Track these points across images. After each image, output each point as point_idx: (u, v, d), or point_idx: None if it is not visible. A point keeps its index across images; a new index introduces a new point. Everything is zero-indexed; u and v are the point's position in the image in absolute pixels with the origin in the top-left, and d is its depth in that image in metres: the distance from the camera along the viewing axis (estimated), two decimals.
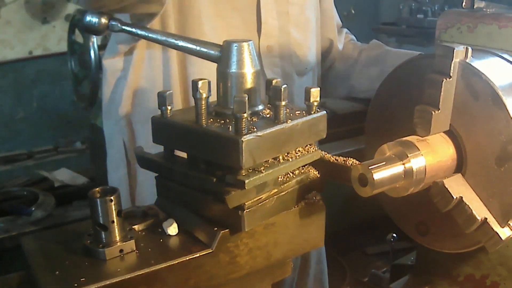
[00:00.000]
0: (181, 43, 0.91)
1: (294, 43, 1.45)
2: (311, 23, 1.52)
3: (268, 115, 0.86)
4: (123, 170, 1.41)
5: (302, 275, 1.66)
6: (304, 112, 0.87)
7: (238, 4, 1.33)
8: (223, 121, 0.82)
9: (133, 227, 0.85)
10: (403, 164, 0.86)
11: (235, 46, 0.84)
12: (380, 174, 0.82)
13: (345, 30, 1.76)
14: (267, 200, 0.84)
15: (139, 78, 1.35)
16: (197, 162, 0.84)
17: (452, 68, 0.86)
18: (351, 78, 1.66)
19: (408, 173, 0.86)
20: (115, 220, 0.78)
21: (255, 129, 0.77)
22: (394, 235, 1.67)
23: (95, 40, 2.78)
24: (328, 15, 1.66)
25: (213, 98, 0.87)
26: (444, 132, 0.93)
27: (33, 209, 2.48)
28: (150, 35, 0.92)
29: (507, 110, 0.86)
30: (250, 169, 0.79)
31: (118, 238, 0.79)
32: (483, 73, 0.89)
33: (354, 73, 1.66)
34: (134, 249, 0.80)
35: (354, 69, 1.66)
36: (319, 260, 1.71)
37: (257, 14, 1.36)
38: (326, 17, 1.65)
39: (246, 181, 0.76)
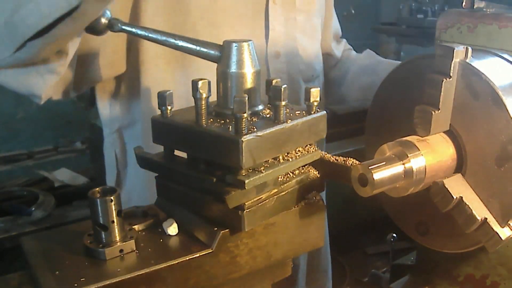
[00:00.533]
0: (181, 43, 0.91)
1: (300, 49, 1.45)
2: (318, 30, 1.52)
3: (268, 115, 0.86)
4: (113, 179, 1.47)
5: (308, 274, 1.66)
6: (304, 112, 0.87)
7: (246, 11, 1.33)
8: (223, 121, 0.82)
9: (133, 227, 0.85)
10: (403, 164, 0.86)
11: (235, 46, 0.84)
12: (380, 174, 0.82)
13: (344, 40, 1.76)
14: (267, 200, 0.84)
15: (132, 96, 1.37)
16: (197, 162, 0.84)
17: (452, 68, 0.87)
18: (342, 87, 1.66)
19: (408, 173, 0.86)
20: (115, 220, 0.78)
21: (255, 129, 0.77)
22: (394, 235, 1.66)
23: None
24: (326, 24, 1.65)
25: (213, 98, 0.87)
26: (444, 132, 0.93)
27: (33, 209, 2.48)
28: (150, 35, 0.92)
29: (507, 110, 0.86)
30: (250, 169, 0.79)
31: (118, 238, 0.79)
32: (483, 73, 0.89)
33: (345, 82, 1.66)
34: (134, 249, 0.80)
35: (346, 78, 1.66)
36: (325, 258, 1.71)
37: (265, 20, 1.36)
38: (325, 26, 1.65)
39: (246, 181, 0.76)
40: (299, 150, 0.87)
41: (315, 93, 0.86)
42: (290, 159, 0.85)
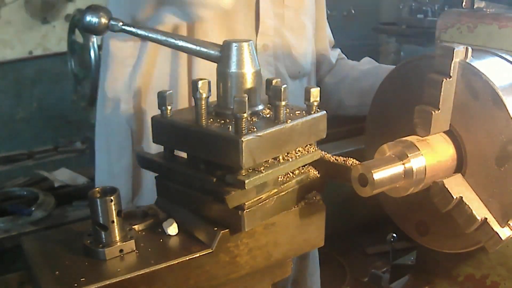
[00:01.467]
0: (181, 43, 0.91)
1: (287, 45, 1.48)
2: (307, 29, 1.53)
3: (268, 115, 0.86)
4: (127, 161, 1.41)
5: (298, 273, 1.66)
6: (304, 112, 0.87)
7: (238, 5, 1.36)
8: (223, 121, 0.82)
9: (133, 227, 0.85)
10: (403, 164, 0.86)
11: (235, 46, 0.84)
12: (380, 174, 0.82)
13: (338, 49, 1.76)
14: (267, 200, 0.84)
15: (153, 68, 1.36)
16: (197, 162, 0.84)
17: (452, 68, 0.86)
18: (340, 92, 1.65)
19: (408, 173, 0.86)
20: (115, 220, 0.79)
21: (255, 129, 0.77)
22: (394, 235, 1.66)
23: (95, 40, 2.78)
24: (319, 25, 1.65)
25: (213, 98, 0.87)
26: (444, 132, 0.93)
27: (33, 209, 2.49)
28: (150, 35, 0.92)
29: (507, 110, 0.86)
30: (250, 169, 0.79)
31: (118, 238, 0.79)
32: (483, 73, 0.89)
33: (343, 88, 1.64)
34: (134, 249, 0.80)
35: (344, 83, 1.64)
36: (313, 262, 1.71)
37: (255, 13, 1.40)
38: (318, 27, 1.64)
39: (246, 181, 0.76)
40: (299, 150, 0.87)
41: (315, 93, 0.86)
42: (290, 159, 0.85)
